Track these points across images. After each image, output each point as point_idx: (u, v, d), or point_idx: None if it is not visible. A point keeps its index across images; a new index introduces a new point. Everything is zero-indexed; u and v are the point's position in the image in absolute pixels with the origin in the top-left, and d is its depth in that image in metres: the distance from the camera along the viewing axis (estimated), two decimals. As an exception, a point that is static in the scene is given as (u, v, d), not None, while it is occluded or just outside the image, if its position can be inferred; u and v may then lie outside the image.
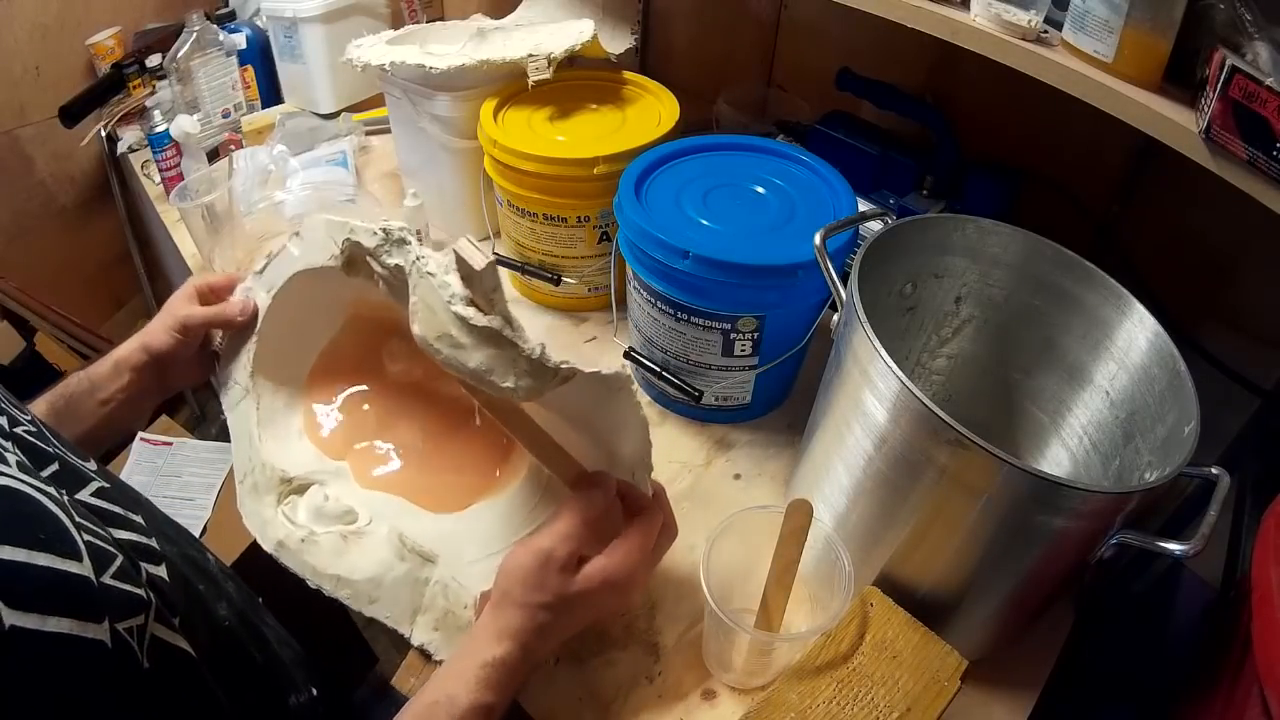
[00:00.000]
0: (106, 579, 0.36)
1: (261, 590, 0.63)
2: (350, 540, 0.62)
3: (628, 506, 0.57)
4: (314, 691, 0.57)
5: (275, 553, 0.62)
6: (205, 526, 1.05)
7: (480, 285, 0.47)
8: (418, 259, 0.51)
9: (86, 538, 0.36)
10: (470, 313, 0.48)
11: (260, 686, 0.52)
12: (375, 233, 0.54)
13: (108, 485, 0.44)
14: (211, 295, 0.67)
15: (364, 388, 0.70)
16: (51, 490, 0.37)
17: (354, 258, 0.58)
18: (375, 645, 1.44)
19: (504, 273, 0.99)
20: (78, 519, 0.36)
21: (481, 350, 0.49)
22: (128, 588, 0.37)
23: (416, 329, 0.51)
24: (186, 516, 1.06)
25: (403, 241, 0.53)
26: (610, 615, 0.58)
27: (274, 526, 0.63)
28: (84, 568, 0.34)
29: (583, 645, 0.64)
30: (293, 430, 0.67)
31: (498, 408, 0.55)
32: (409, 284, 0.52)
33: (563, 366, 0.49)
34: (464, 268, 0.48)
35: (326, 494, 0.64)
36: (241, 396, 0.66)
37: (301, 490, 0.64)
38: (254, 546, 1.02)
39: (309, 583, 0.62)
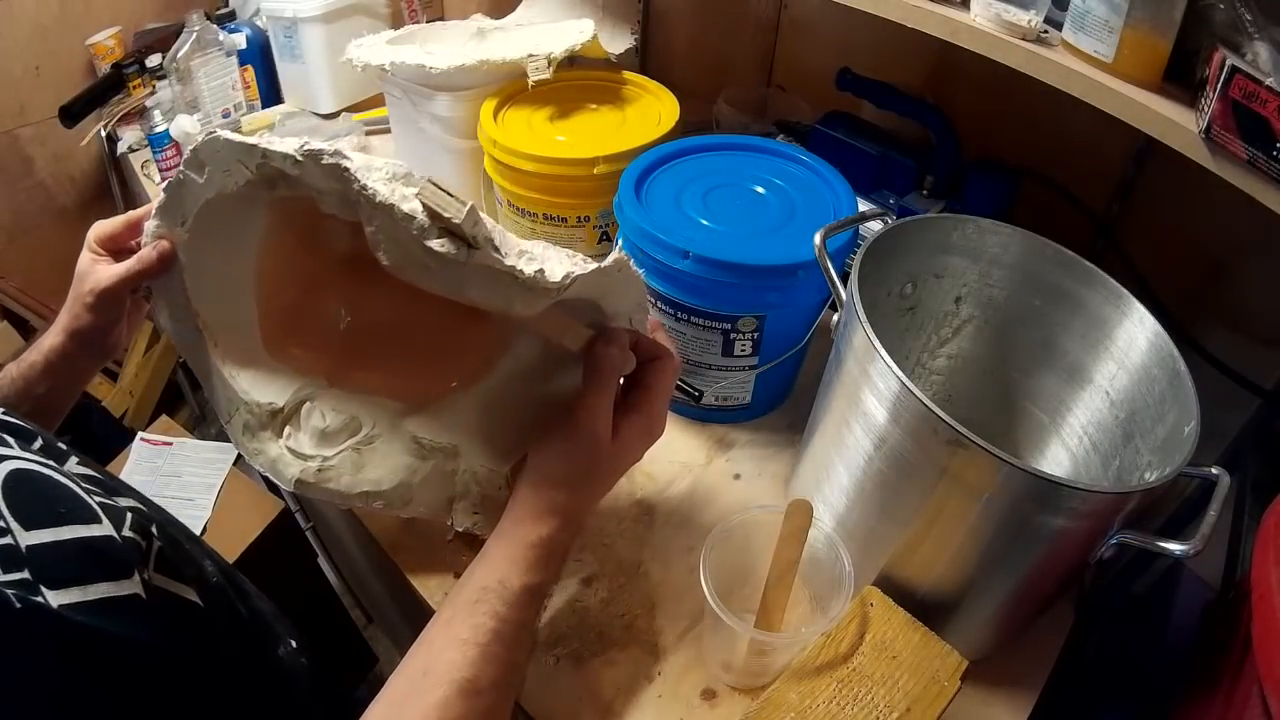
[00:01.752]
0: (126, 532, 0.38)
1: (264, 588, 0.63)
2: (365, 452, 0.59)
3: (639, 353, 0.56)
4: (293, 644, 0.58)
5: (296, 489, 0.60)
6: (205, 527, 1.05)
7: (461, 228, 0.43)
8: (363, 189, 0.44)
9: (97, 499, 0.38)
10: (450, 249, 0.43)
11: (250, 639, 0.53)
12: (298, 160, 0.46)
13: (85, 459, 0.46)
14: (115, 245, 0.60)
15: (318, 289, 0.63)
16: (52, 463, 0.39)
17: (272, 180, 0.50)
18: (375, 645, 1.45)
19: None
20: (84, 485, 0.39)
21: (471, 281, 0.45)
22: (139, 539, 0.39)
23: (384, 259, 0.46)
24: (187, 517, 1.05)
25: (337, 169, 0.44)
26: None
27: (285, 464, 0.60)
28: (105, 527, 0.37)
29: (583, 645, 0.64)
30: (260, 356, 0.62)
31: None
32: (359, 211, 0.46)
33: (566, 283, 0.46)
34: (434, 215, 0.43)
35: (322, 412, 0.60)
36: (194, 337, 0.60)
37: (294, 416, 0.60)
38: (253, 547, 1.03)
39: (339, 505, 0.60)
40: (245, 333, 0.61)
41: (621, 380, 0.56)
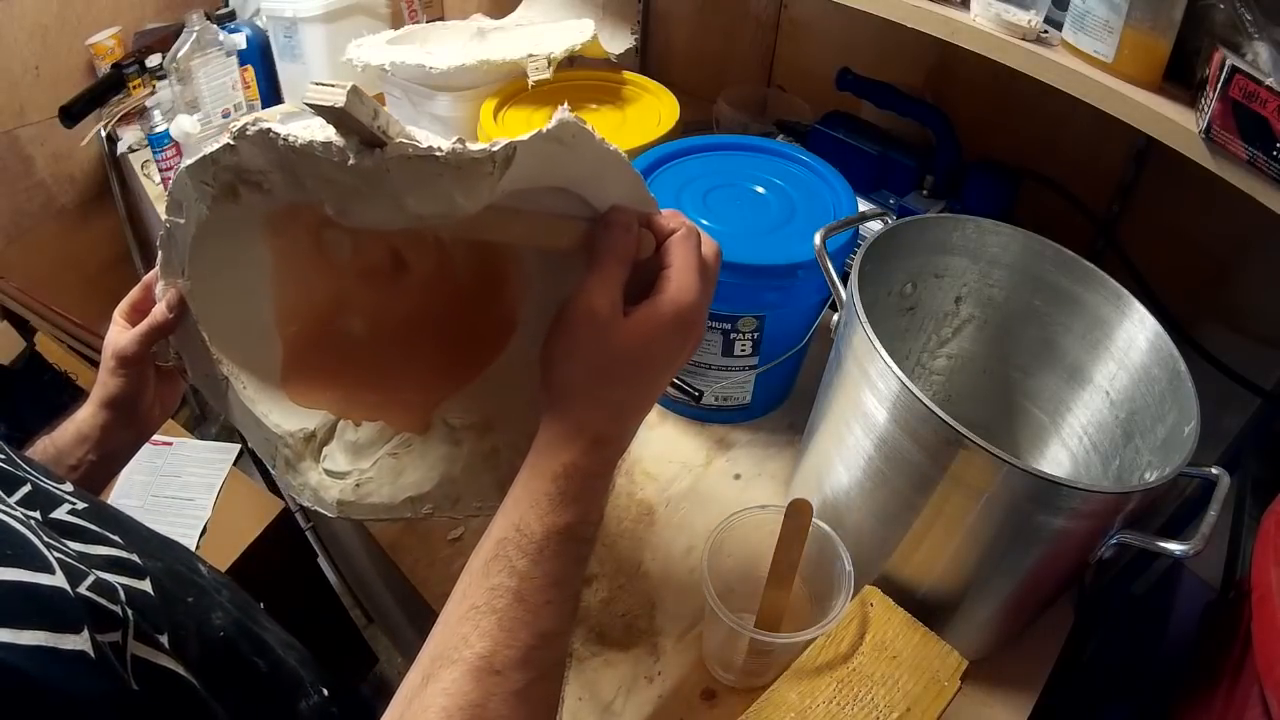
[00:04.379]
0: (82, 590, 0.34)
1: (262, 592, 0.62)
2: (402, 455, 0.56)
3: (655, 234, 0.46)
4: (325, 692, 0.55)
5: (340, 513, 0.56)
6: (205, 526, 1.05)
7: (359, 120, 0.40)
8: (284, 141, 0.43)
9: (56, 555, 0.34)
10: (366, 158, 0.41)
11: (266, 694, 0.50)
12: (233, 145, 0.45)
13: (85, 505, 0.43)
14: (137, 312, 0.59)
15: (336, 313, 0.61)
16: (19, 513, 0.36)
17: (230, 186, 0.49)
18: (375, 645, 1.45)
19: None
20: (46, 539, 0.35)
21: (404, 187, 0.42)
22: (103, 602, 0.34)
23: (330, 210, 0.45)
24: (187, 517, 1.06)
25: (263, 134, 0.44)
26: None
27: (324, 489, 0.57)
28: (57, 579, 0.33)
29: (583, 645, 0.64)
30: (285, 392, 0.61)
31: (463, 228, 0.48)
32: (296, 174, 0.45)
33: (495, 150, 0.41)
34: (330, 115, 0.40)
35: (354, 424, 0.58)
36: (225, 388, 0.59)
37: (329, 437, 0.59)
38: (253, 547, 1.03)
39: (386, 521, 0.56)
40: (271, 369, 0.60)
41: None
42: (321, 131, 0.42)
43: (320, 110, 0.39)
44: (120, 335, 0.58)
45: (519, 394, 0.54)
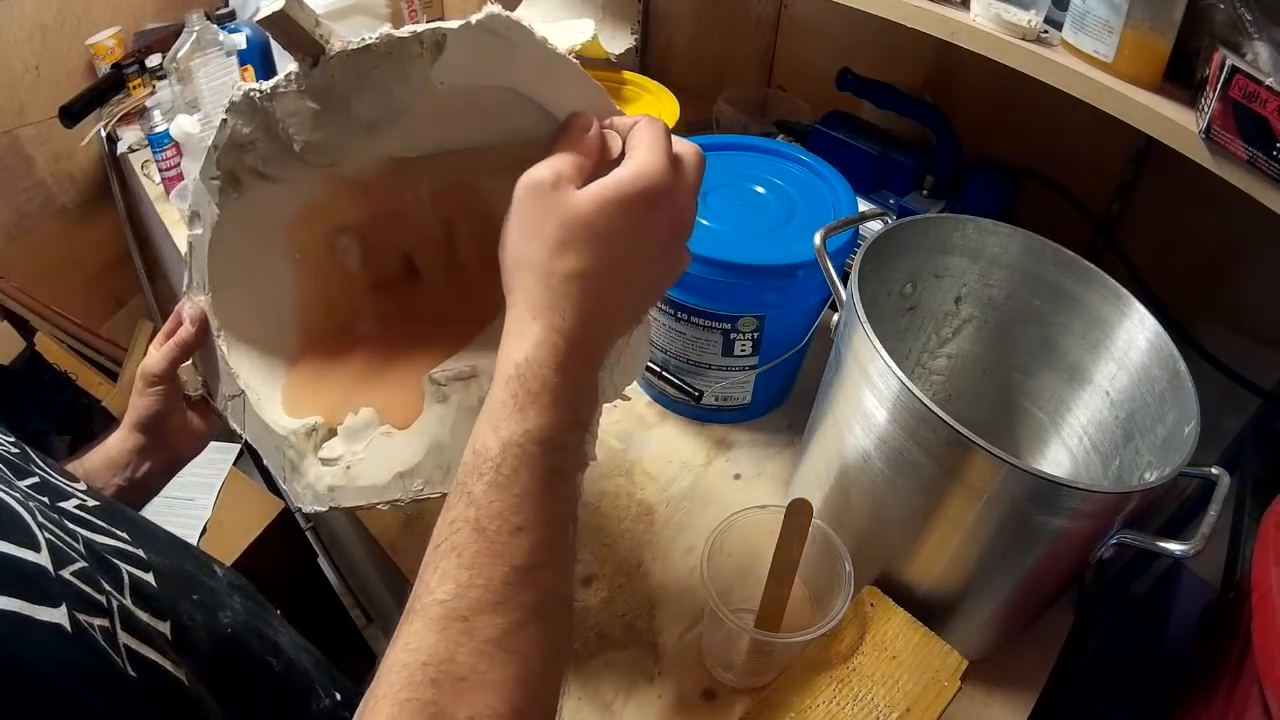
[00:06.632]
0: (65, 573, 0.32)
1: (262, 592, 0.62)
2: (395, 431, 0.55)
3: (619, 131, 0.44)
4: (337, 697, 0.55)
5: (333, 501, 0.55)
6: (205, 527, 1.05)
7: (302, 27, 0.42)
8: (260, 92, 0.45)
9: (47, 535, 0.34)
10: (316, 73, 0.44)
11: (278, 693, 0.50)
12: (226, 119, 0.47)
13: (95, 503, 0.43)
14: (168, 339, 0.60)
15: (350, 323, 0.61)
16: (18, 494, 0.35)
17: (231, 174, 0.50)
18: (375, 645, 1.45)
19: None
20: (40, 519, 0.35)
21: (351, 91, 0.44)
22: (88, 589, 0.33)
23: (297, 147, 0.47)
24: (187, 516, 1.06)
25: (246, 95, 0.46)
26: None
27: (320, 481, 0.56)
28: (41, 558, 0.32)
29: (583, 645, 0.64)
30: (295, 394, 0.61)
31: (440, 171, 0.50)
32: (272, 127, 0.47)
33: (422, 31, 0.42)
34: (274, 30, 0.42)
35: (353, 409, 0.57)
36: (242, 405, 0.60)
37: (331, 433, 0.58)
38: (253, 547, 1.04)
39: (380, 508, 0.54)
40: (281, 378, 0.61)
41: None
42: (280, 76, 0.46)
43: (268, 23, 0.42)
44: (149, 356, 0.59)
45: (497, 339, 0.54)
